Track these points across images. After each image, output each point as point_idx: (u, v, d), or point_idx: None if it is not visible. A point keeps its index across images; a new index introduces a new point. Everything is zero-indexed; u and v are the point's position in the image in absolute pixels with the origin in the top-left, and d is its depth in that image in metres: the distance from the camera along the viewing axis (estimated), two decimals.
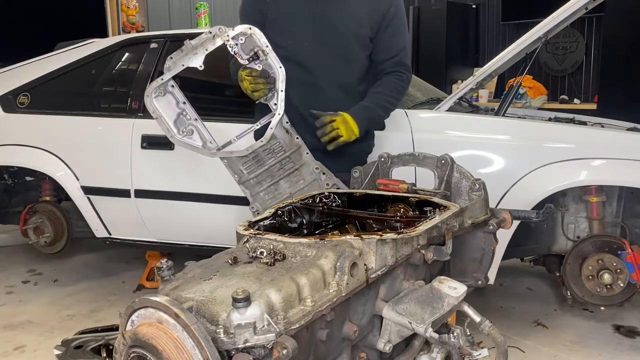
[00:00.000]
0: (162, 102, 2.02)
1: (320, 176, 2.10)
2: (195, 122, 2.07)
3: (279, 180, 2.13)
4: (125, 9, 6.85)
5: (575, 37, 6.46)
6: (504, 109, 2.91)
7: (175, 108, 2.05)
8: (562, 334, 2.90)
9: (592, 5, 2.87)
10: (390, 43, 2.20)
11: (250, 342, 1.04)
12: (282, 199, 2.12)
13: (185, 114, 2.07)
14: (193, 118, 2.07)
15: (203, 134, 2.08)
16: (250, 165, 2.11)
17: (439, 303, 1.33)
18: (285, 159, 2.11)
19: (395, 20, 2.20)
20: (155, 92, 2.01)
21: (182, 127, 2.06)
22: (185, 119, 2.07)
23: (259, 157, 2.10)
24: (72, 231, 3.44)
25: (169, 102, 2.04)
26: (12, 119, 3.44)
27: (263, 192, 2.15)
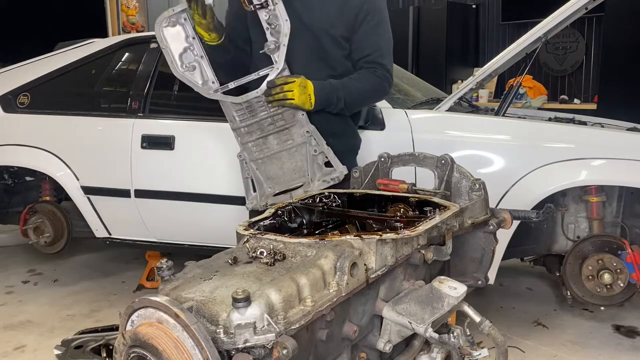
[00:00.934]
0: (171, 33, 2.01)
1: (311, 140, 2.09)
2: (200, 59, 2.06)
3: (268, 135, 2.12)
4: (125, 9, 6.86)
5: (575, 37, 6.46)
6: (504, 109, 2.91)
7: (184, 41, 2.04)
8: (562, 334, 2.90)
9: (592, 5, 2.87)
10: (364, 43, 2.16)
11: (250, 342, 1.04)
12: (269, 155, 2.13)
13: (192, 49, 2.06)
14: (199, 55, 2.06)
15: (206, 73, 2.07)
16: (243, 114, 2.11)
17: (439, 303, 1.33)
18: (277, 115, 2.09)
19: (369, 21, 2.15)
20: (166, 22, 2.00)
21: (186, 62, 2.05)
22: (191, 53, 2.06)
23: (252, 107, 2.09)
24: (72, 231, 3.44)
25: (179, 34, 2.03)
26: (12, 119, 3.44)
27: (252, 143, 2.14)
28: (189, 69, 2.07)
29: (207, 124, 3.05)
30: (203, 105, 3.31)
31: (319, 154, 2.10)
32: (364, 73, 2.18)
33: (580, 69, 6.58)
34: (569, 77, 6.66)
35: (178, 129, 3.08)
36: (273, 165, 2.16)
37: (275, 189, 2.17)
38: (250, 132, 2.13)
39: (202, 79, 2.09)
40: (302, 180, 2.14)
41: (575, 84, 6.62)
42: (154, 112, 3.19)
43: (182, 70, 2.05)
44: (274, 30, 2.01)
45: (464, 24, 7.25)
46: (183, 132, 3.06)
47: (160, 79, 3.26)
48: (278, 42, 2.01)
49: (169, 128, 3.10)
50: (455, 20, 7.05)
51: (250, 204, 2.24)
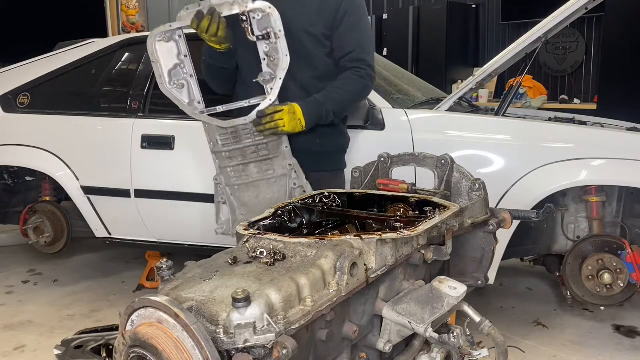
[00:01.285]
0: (163, 48, 2.01)
1: (291, 173, 2.10)
2: (190, 78, 2.06)
3: (250, 163, 2.12)
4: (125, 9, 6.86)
5: (575, 37, 6.46)
6: (504, 109, 2.91)
7: (175, 58, 2.04)
8: (562, 334, 2.90)
9: (592, 5, 2.87)
10: (345, 40, 2.16)
11: (250, 342, 1.04)
12: (247, 182, 2.14)
13: (183, 67, 2.05)
14: (189, 74, 2.06)
15: (193, 92, 2.07)
16: (226, 139, 2.10)
17: (439, 303, 1.33)
18: (262, 145, 2.09)
19: (348, 17, 2.16)
20: (160, 37, 1.99)
21: (175, 79, 2.05)
22: (181, 71, 2.05)
23: (237, 133, 2.09)
24: (72, 231, 3.45)
25: (171, 50, 2.03)
26: (12, 119, 3.44)
27: (231, 168, 2.14)
28: (177, 86, 2.06)
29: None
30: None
31: (298, 187, 2.10)
32: (347, 77, 2.18)
33: (580, 69, 6.58)
34: (569, 77, 6.66)
35: (178, 129, 3.08)
36: (249, 192, 2.16)
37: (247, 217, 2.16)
38: (232, 158, 2.13)
39: (189, 97, 2.09)
40: None
41: (575, 84, 6.62)
42: (154, 112, 3.19)
43: (169, 87, 2.05)
44: (271, 62, 2.00)
45: (464, 24, 7.25)
46: (183, 132, 3.06)
47: None
48: (274, 75, 2.01)
49: (169, 128, 3.09)
50: (455, 20, 7.05)
51: (220, 229, 2.23)
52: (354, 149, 2.69)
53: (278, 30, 1.94)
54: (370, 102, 2.75)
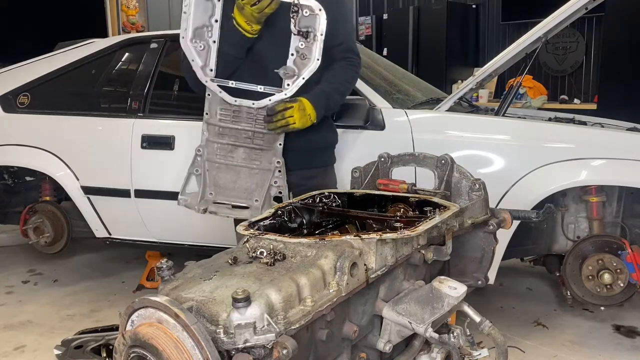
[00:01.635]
0: (200, 3, 1.95)
1: (275, 171, 2.08)
2: (212, 43, 2.00)
3: (240, 146, 2.09)
4: (125, 9, 6.86)
5: (575, 37, 6.46)
6: (504, 109, 2.91)
7: (206, 19, 1.97)
8: (562, 334, 2.90)
9: (592, 5, 2.87)
10: (335, 31, 2.15)
11: (250, 342, 1.04)
12: (229, 164, 2.11)
13: (209, 30, 1.99)
14: (212, 39, 2.00)
15: (210, 59, 2.01)
16: (226, 115, 2.07)
17: (439, 303, 1.33)
18: (259, 134, 2.08)
19: (336, 8, 2.16)
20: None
21: (198, 38, 1.99)
22: (206, 33, 1.99)
23: (239, 114, 2.06)
24: (72, 231, 3.45)
25: (206, 8, 1.97)
26: (12, 119, 3.44)
27: (218, 145, 2.11)
28: (197, 46, 2.00)
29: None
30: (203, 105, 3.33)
31: (276, 186, 2.09)
32: (342, 67, 2.19)
33: (580, 69, 6.58)
34: (569, 77, 6.66)
35: (178, 129, 3.08)
36: (228, 175, 2.13)
37: (216, 198, 2.13)
38: (223, 135, 2.10)
39: (203, 62, 2.03)
40: (248, 203, 2.11)
41: (575, 84, 6.62)
42: (154, 112, 3.19)
43: (190, 43, 1.98)
44: (300, 60, 1.99)
45: (464, 24, 7.26)
46: (183, 132, 3.06)
47: (160, 79, 3.26)
48: (298, 73, 2.00)
49: (169, 128, 3.10)
50: (455, 20, 7.05)
51: (184, 200, 2.19)
52: (354, 149, 2.69)
53: (319, 33, 1.94)
54: (370, 102, 2.75)
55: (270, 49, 2.09)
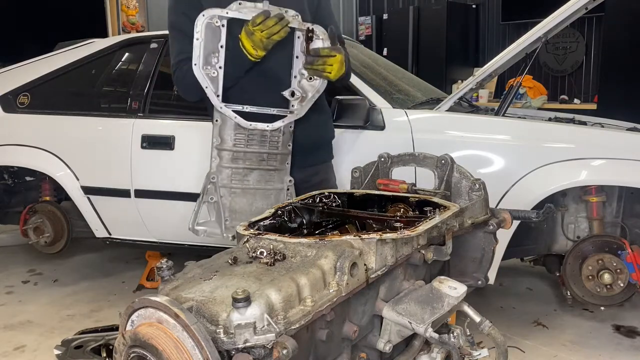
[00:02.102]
0: (210, 30, 1.93)
1: (285, 191, 2.11)
2: (219, 69, 1.99)
3: (255, 169, 2.09)
4: (125, 9, 6.85)
5: (575, 37, 6.46)
6: (504, 109, 2.91)
7: (215, 46, 1.97)
8: (562, 334, 2.90)
9: (592, 5, 2.87)
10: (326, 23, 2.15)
11: (250, 342, 1.04)
12: (245, 188, 2.10)
13: (216, 56, 1.97)
14: (219, 65, 1.99)
15: (218, 85, 2.00)
16: (240, 139, 2.06)
17: (439, 303, 1.33)
18: (272, 156, 2.09)
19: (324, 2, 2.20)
20: (211, 18, 1.93)
21: (207, 65, 1.98)
22: (212, 60, 1.98)
23: (253, 138, 2.05)
24: (72, 231, 3.45)
25: (215, 35, 1.95)
26: (12, 119, 3.44)
27: (231, 170, 2.09)
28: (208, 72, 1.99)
29: (207, 124, 3.03)
30: (203, 105, 3.33)
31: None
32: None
33: (580, 69, 6.58)
34: (569, 77, 6.66)
35: (178, 129, 3.08)
36: (245, 199, 2.11)
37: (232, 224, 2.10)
38: (236, 159, 2.08)
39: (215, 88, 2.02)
40: None
41: (575, 84, 6.62)
42: (154, 112, 3.19)
43: (202, 70, 1.97)
44: (307, 81, 1.99)
45: (464, 24, 7.26)
46: (183, 132, 3.06)
47: (160, 79, 3.26)
48: (305, 95, 2.00)
49: (169, 128, 3.10)
50: (455, 20, 7.05)
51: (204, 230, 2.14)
52: (354, 149, 2.69)
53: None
54: (370, 102, 2.75)
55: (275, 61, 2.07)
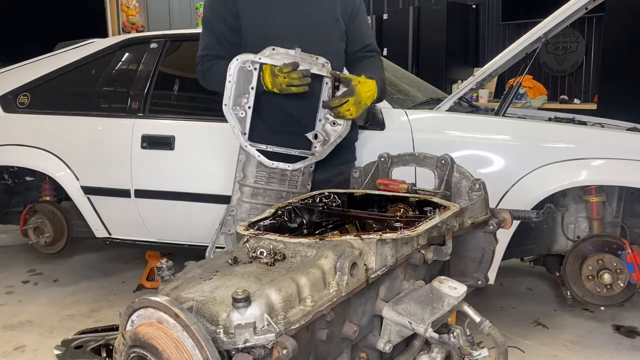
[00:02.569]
0: (242, 73, 2.02)
1: None
2: (248, 109, 2.06)
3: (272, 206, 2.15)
4: (125, 9, 6.86)
5: (575, 37, 6.46)
6: (504, 109, 2.91)
7: (247, 88, 2.05)
8: (562, 334, 2.90)
9: (592, 5, 2.87)
10: (362, 33, 2.24)
11: (250, 342, 1.04)
12: None
13: (246, 97, 2.06)
14: (248, 105, 2.06)
15: (245, 124, 2.08)
16: (261, 176, 2.13)
17: (439, 303, 1.33)
18: (291, 194, 2.13)
19: (361, 12, 2.24)
20: (244, 63, 2.01)
21: (237, 105, 2.06)
22: (242, 101, 2.06)
23: (274, 176, 2.13)
24: (72, 231, 3.44)
25: (247, 78, 2.03)
26: (12, 119, 3.44)
27: (250, 205, 2.15)
28: (237, 112, 2.07)
29: (207, 124, 3.05)
30: (203, 105, 3.33)
31: None
32: (374, 61, 2.24)
33: (580, 69, 6.58)
34: (569, 77, 6.66)
35: (178, 129, 3.08)
36: None
37: None
38: (256, 195, 2.14)
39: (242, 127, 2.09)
40: None
41: (575, 84, 6.62)
42: (154, 112, 3.19)
43: (232, 110, 2.06)
44: (330, 126, 2.05)
45: (464, 24, 7.25)
46: (183, 132, 3.06)
47: (160, 79, 3.26)
48: (328, 138, 2.06)
49: (169, 128, 3.10)
50: (455, 20, 7.05)
51: None
52: None
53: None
54: None
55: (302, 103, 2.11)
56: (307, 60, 2.01)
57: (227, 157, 2.97)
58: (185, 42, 3.39)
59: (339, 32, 2.19)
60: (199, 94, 3.42)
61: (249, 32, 2.14)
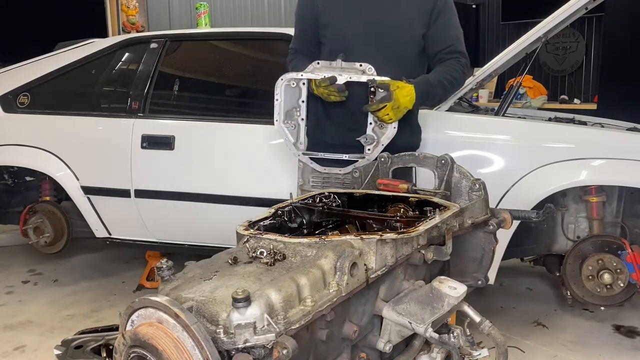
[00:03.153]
0: (287, 91, 2.15)
1: None
2: (301, 121, 2.20)
3: None
4: (125, 9, 6.85)
5: (575, 37, 6.46)
6: (504, 109, 2.91)
7: (295, 102, 2.18)
8: (562, 334, 2.90)
9: (592, 5, 2.87)
10: (443, 35, 2.25)
11: (250, 342, 1.04)
12: None
13: (298, 110, 2.19)
14: (301, 117, 2.20)
15: (300, 134, 2.22)
16: (317, 181, 2.25)
17: (439, 303, 1.33)
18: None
19: (445, 14, 2.25)
20: (289, 81, 2.14)
21: (289, 119, 2.19)
22: (295, 114, 2.19)
23: (329, 180, 2.22)
24: (72, 231, 3.44)
25: (293, 94, 2.16)
26: (12, 119, 3.44)
27: None
28: (288, 126, 2.21)
29: (207, 124, 3.05)
30: (203, 105, 3.34)
31: None
32: (451, 64, 2.26)
33: (580, 69, 6.58)
34: (569, 77, 6.66)
35: (178, 129, 3.08)
36: None
37: None
38: None
39: (295, 138, 2.22)
40: None
41: (575, 84, 6.62)
42: (154, 112, 3.19)
43: (282, 125, 2.20)
44: (379, 129, 2.10)
45: (464, 24, 7.20)
46: (183, 132, 3.06)
47: (160, 79, 3.26)
48: (377, 140, 2.11)
49: (169, 128, 3.10)
50: None
51: None
52: None
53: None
54: None
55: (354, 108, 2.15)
56: (347, 69, 2.10)
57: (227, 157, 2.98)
58: (185, 42, 3.39)
59: (411, 36, 2.21)
60: (199, 94, 3.42)
61: (326, 30, 2.22)
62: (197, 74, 3.44)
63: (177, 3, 7.43)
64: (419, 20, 2.21)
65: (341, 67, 2.10)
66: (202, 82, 3.45)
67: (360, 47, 2.17)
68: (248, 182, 2.90)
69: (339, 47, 2.17)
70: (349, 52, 2.15)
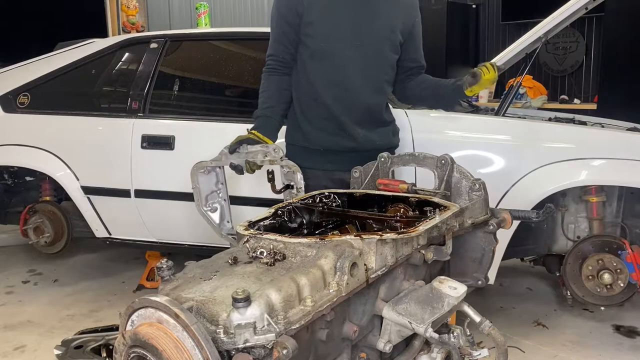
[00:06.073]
0: (204, 178, 2.23)
1: None
2: (223, 202, 2.28)
3: None
4: (125, 9, 6.86)
5: (575, 37, 6.45)
6: (504, 109, 2.91)
7: (213, 186, 2.26)
8: (562, 334, 2.90)
9: (592, 5, 2.87)
10: (418, 50, 2.31)
11: (250, 342, 1.04)
12: None
13: (218, 192, 2.28)
14: (223, 198, 2.28)
15: (225, 213, 2.29)
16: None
17: (439, 303, 1.33)
18: None
19: (419, 28, 2.30)
20: (202, 169, 2.21)
21: (210, 202, 2.27)
22: (217, 195, 2.28)
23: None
24: (72, 231, 3.45)
25: (210, 179, 2.25)
26: (12, 119, 3.44)
27: None
28: (211, 209, 2.27)
29: (207, 124, 3.05)
30: (203, 105, 3.34)
31: None
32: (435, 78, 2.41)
33: (580, 69, 6.57)
34: (569, 77, 6.65)
35: (178, 129, 3.08)
36: None
37: None
38: None
39: (220, 218, 2.27)
40: None
41: (575, 84, 6.62)
42: (154, 112, 3.19)
43: (204, 209, 2.25)
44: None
45: (464, 24, 7.24)
46: (183, 132, 3.06)
47: (160, 79, 3.26)
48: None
49: (169, 128, 3.10)
50: (455, 20, 7.04)
51: None
52: None
53: (299, 187, 2.06)
54: None
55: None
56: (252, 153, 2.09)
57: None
58: (185, 42, 3.39)
59: (390, 43, 2.20)
60: (199, 94, 3.42)
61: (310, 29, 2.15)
62: (197, 74, 3.44)
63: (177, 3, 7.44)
64: (400, 29, 2.21)
65: (246, 153, 2.10)
66: (202, 82, 3.46)
67: (346, 47, 2.13)
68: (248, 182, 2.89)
69: (321, 47, 2.11)
70: (331, 54, 2.13)
